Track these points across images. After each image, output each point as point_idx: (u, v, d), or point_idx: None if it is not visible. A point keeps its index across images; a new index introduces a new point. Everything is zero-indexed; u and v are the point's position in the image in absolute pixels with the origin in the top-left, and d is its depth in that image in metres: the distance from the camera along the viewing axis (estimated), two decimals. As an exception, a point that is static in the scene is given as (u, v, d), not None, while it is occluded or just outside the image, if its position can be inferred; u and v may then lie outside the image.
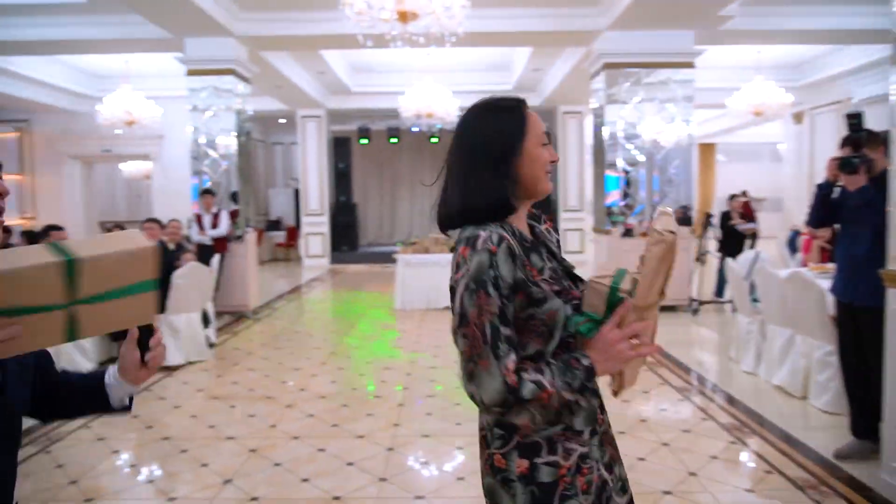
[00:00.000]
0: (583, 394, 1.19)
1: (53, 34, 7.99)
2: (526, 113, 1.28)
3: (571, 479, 1.22)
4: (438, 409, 4.37)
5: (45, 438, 3.90)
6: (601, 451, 1.29)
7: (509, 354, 1.15)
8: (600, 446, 1.29)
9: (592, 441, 1.27)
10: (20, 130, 14.13)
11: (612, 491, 1.29)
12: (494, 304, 1.14)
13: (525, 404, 1.15)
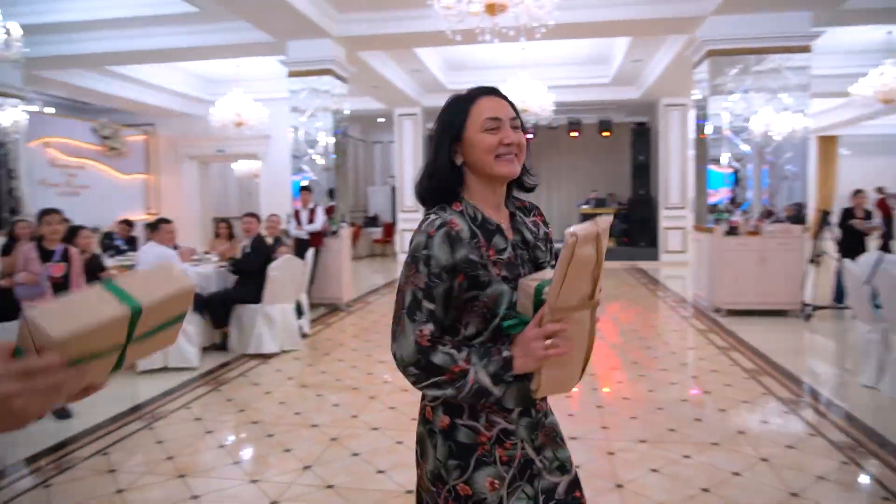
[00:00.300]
0: (496, 382, 1.24)
1: (169, 43, 8.61)
2: (474, 101, 1.35)
3: (490, 448, 1.31)
4: (520, 409, 4.28)
5: (150, 416, 4.19)
6: (530, 434, 1.36)
7: (427, 323, 1.26)
8: (534, 430, 1.36)
9: (521, 421, 1.34)
10: (147, 134, 15.39)
11: (541, 470, 1.36)
12: (421, 279, 1.26)
13: (437, 375, 1.24)
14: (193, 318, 5.38)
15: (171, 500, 2.99)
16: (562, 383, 1.31)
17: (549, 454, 1.39)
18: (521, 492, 1.33)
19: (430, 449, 1.35)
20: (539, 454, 1.37)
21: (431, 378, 1.26)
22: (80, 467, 3.40)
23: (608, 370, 5.24)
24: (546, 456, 1.38)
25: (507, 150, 1.33)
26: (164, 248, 5.37)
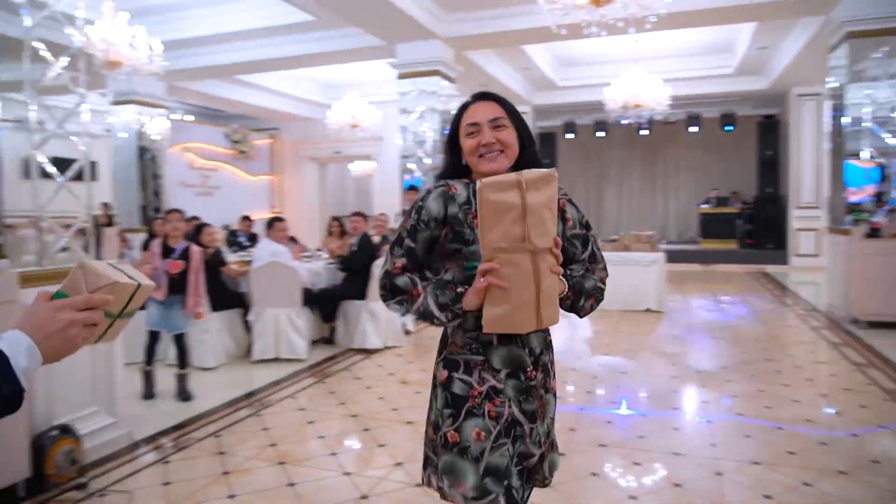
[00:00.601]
0: (442, 309, 1.46)
1: (290, 51, 9.11)
2: (466, 108, 1.58)
3: (480, 401, 1.49)
4: (621, 418, 4.09)
5: (259, 403, 4.45)
6: (520, 396, 1.51)
7: (401, 257, 1.53)
8: (521, 393, 1.52)
9: (508, 382, 1.51)
10: (272, 137, 16.40)
11: (524, 433, 1.51)
12: (409, 223, 1.53)
13: (399, 293, 1.51)
14: (303, 313, 5.63)
15: (269, 486, 3.14)
16: (510, 323, 1.40)
17: (541, 427, 1.56)
18: (504, 449, 1.48)
19: (433, 401, 1.58)
20: (532, 422, 1.53)
21: (395, 297, 1.52)
22: (195, 447, 3.67)
23: (722, 383, 4.88)
24: (538, 428, 1.55)
25: (487, 150, 1.51)
26: (278, 245, 5.68)
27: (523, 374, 1.52)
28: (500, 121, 1.53)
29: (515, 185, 1.32)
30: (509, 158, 1.53)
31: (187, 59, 9.50)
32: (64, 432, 3.23)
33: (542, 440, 1.56)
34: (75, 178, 3.46)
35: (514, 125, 1.56)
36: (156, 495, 3.06)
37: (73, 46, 3.40)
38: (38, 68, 3.23)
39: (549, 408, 1.60)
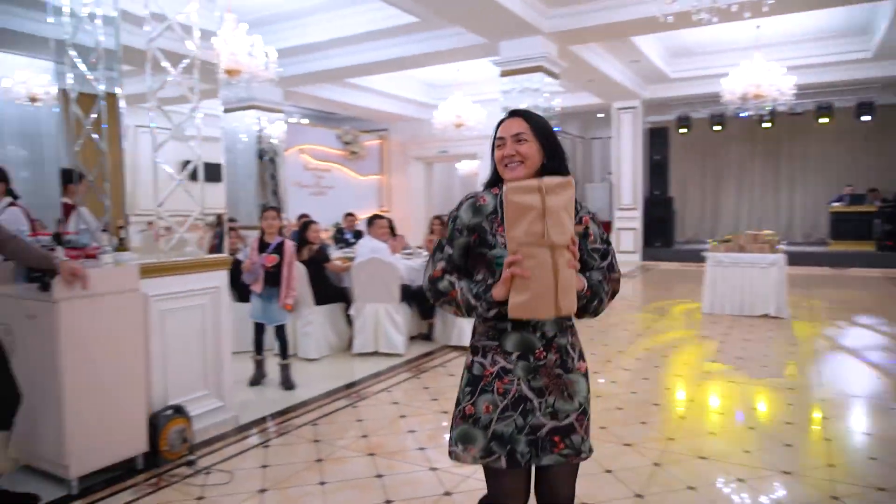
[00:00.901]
0: (478, 299, 1.69)
1: (395, 53, 9.33)
2: (499, 126, 1.80)
3: (492, 380, 1.75)
4: (726, 430, 3.82)
5: (356, 395, 4.59)
6: (529, 375, 1.74)
7: (440, 262, 1.78)
8: (530, 372, 1.74)
9: (518, 363, 1.74)
10: (381, 138, 16.91)
11: (534, 408, 1.74)
12: (447, 231, 1.79)
13: (442, 295, 1.76)
14: (401, 309, 5.75)
15: (358, 475, 3.23)
16: (532, 308, 1.59)
17: (551, 401, 1.75)
18: (510, 420, 1.73)
19: (461, 381, 1.83)
20: (540, 397, 1.75)
21: (439, 298, 1.78)
22: (293, 434, 3.85)
23: (845, 397, 4.43)
24: (547, 401, 1.75)
25: (509, 160, 1.76)
26: (378, 242, 5.84)
27: (532, 356, 1.75)
28: (521, 135, 1.75)
29: (536, 189, 1.52)
30: (528, 168, 1.75)
31: (300, 65, 10.01)
32: (177, 412, 3.51)
33: (561, 415, 1.75)
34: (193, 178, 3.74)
35: (538, 139, 1.76)
36: (254, 476, 3.24)
37: (188, 55, 3.68)
38: (158, 78, 3.52)
39: (578, 387, 1.78)
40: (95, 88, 3.41)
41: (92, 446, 3.09)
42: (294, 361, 5.59)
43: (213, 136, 3.92)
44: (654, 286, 10.31)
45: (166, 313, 3.56)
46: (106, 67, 3.36)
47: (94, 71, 3.40)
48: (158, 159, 3.52)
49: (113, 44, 3.34)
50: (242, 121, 11.32)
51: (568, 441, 1.75)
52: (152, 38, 3.49)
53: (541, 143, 1.75)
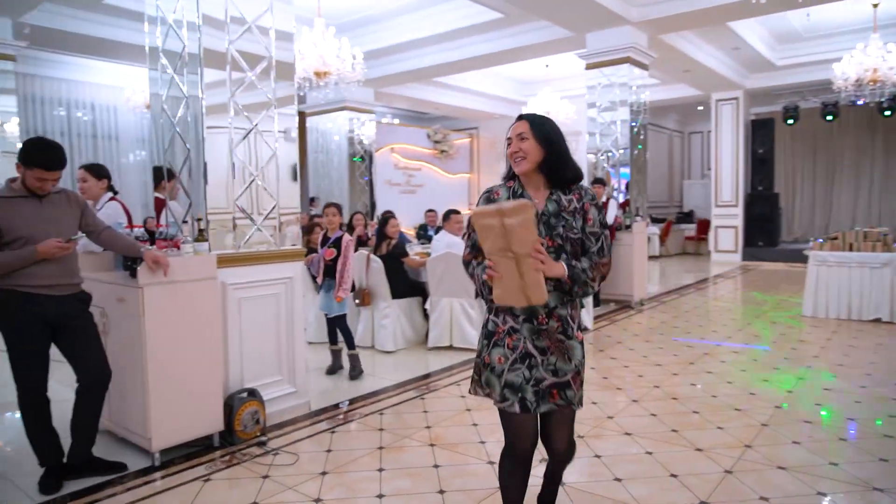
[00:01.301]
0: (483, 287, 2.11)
1: (481, 50, 9.34)
2: (511, 127, 2.14)
3: (503, 336, 2.12)
4: (812, 440, 3.53)
5: (425, 388, 4.65)
6: (533, 336, 2.10)
7: (467, 248, 2.20)
8: (534, 333, 2.10)
9: (524, 325, 2.09)
10: (471, 136, 16.99)
11: (538, 364, 2.09)
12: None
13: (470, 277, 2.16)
14: (476, 304, 5.75)
15: (416, 464, 3.27)
16: (505, 300, 1.97)
17: (552, 360, 2.11)
18: (518, 371, 2.09)
19: (480, 334, 2.22)
20: (543, 355, 2.10)
21: (469, 275, 2.18)
22: (360, 421, 3.96)
23: (963, 411, 3.96)
24: (549, 360, 2.11)
25: (514, 156, 2.11)
26: (453, 237, 5.87)
27: (535, 320, 2.09)
28: (523, 135, 2.09)
29: (496, 214, 1.84)
30: (529, 163, 2.09)
31: (388, 66, 10.26)
32: (251, 395, 3.71)
33: (560, 373, 2.11)
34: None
35: (537, 138, 2.08)
36: (317, 460, 3.37)
37: (266, 56, 3.87)
38: (236, 79, 3.73)
39: (574, 352, 2.14)
40: (181, 91, 3.67)
41: (172, 423, 3.33)
42: (371, 353, 5.76)
43: (290, 136, 4.09)
44: (752, 287, 9.68)
45: (243, 301, 3.77)
46: (189, 71, 3.60)
47: (180, 75, 3.65)
48: (235, 158, 3.73)
49: (195, 48, 3.57)
50: (335, 122, 11.76)
51: (563, 394, 2.13)
52: (231, 40, 3.70)
53: (539, 142, 2.08)
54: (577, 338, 2.16)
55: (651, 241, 14.28)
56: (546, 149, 2.09)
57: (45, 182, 2.95)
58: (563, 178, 2.13)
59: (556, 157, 2.09)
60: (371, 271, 5.79)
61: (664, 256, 14.68)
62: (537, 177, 2.12)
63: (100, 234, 3.25)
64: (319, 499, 2.92)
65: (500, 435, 3.48)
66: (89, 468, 3.20)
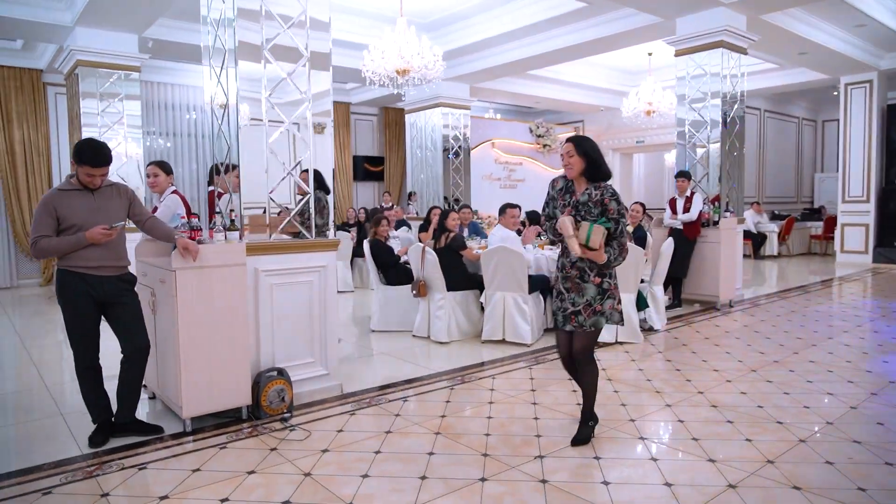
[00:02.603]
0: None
1: (569, 41, 9.14)
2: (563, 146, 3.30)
3: (554, 282, 3.46)
4: (852, 462, 3.17)
5: (460, 379, 4.72)
6: (564, 280, 3.34)
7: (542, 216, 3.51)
8: (564, 280, 3.34)
9: (560, 273, 3.38)
10: (576, 130, 16.62)
11: (564, 298, 3.33)
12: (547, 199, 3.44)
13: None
14: (530, 299, 5.70)
15: (412, 450, 3.37)
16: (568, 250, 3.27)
17: (571, 296, 3.31)
18: (556, 302, 3.39)
19: None
20: (567, 293, 3.33)
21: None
22: (382, 406, 4.11)
23: None
24: (570, 296, 3.31)
25: (566, 167, 3.24)
26: (508, 231, 5.86)
27: (564, 270, 3.36)
28: (570, 153, 3.23)
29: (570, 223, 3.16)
30: (576, 171, 3.23)
31: (476, 62, 10.38)
32: (279, 374, 3.98)
33: (574, 305, 3.30)
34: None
35: (580, 155, 3.22)
36: (326, 438, 3.56)
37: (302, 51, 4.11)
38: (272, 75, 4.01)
39: (587, 291, 3.28)
40: (224, 89, 4.01)
41: (201, 394, 3.68)
42: (426, 343, 5.91)
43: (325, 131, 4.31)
44: (875, 293, 8.66)
45: (276, 287, 4.06)
46: (228, 66, 3.93)
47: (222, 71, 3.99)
48: (270, 152, 4.01)
49: (232, 43, 3.88)
50: (430, 118, 12.03)
51: (576, 319, 3.30)
52: (269, 38, 3.97)
53: (581, 157, 3.22)
54: (592, 282, 3.27)
55: (769, 239, 13.20)
56: (585, 161, 3.21)
57: (93, 177, 3.38)
58: (596, 178, 3.23)
59: (592, 165, 3.22)
60: (426, 263, 5.92)
61: (784, 256, 13.48)
62: (581, 178, 3.27)
63: (144, 223, 3.66)
64: (309, 473, 3.11)
65: (506, 430, 3.52)
66: (132, 429, 3.64)
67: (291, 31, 4.08)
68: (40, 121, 10.27)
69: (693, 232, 7.44)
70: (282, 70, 4.05)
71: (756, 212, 13.25)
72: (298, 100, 4.14)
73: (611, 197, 3.18)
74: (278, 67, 4.03)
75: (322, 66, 4.25)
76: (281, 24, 4.03)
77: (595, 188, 3.19)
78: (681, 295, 7.54)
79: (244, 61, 3.91)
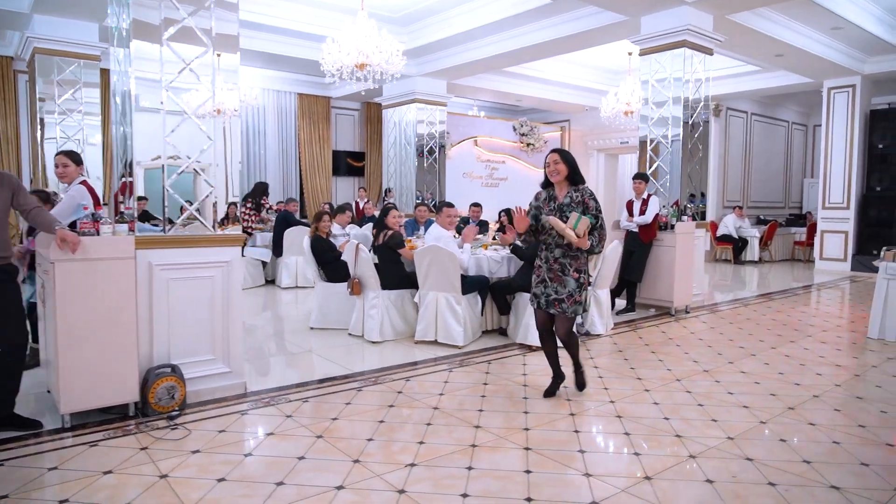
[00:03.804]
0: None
1: (536, 39, 8.98)
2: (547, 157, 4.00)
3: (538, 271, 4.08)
4: (731, 482, 3.03)
5: (372, 380, 4.60)
6: (548, 271, 3.98)
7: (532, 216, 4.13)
8: (548, 270, 3.98)
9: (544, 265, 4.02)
10: (562, 129, 16.47)
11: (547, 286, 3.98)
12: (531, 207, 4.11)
13: None
14: (463, 300, 5.58)
15: (284, 454, 3.26)
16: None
17: (554, 286, 3.95)
18: (539, 288, 4.04)
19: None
20: (551, 283, 3.97)
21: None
22: (279, 406, 4.00)
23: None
24: (553, 286, 3.96)
25: (552, 173, 3.94)
26: (443, 230, 5.74)
27: (548, 264, 3.98)
28: (557, 161, 3.91)
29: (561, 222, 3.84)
30: (561, 176, 3.90)
31: (448, 58, 10.25)
32: (172, 371, 3.88)
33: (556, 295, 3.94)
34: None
35: (565, 163, 3.90)
36: (203, 439, 3.46)
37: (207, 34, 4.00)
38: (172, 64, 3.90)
39: (568, 284, 3.92)
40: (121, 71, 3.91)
41: (82, 389, 3.58)
42: (360, 342, 5.80)
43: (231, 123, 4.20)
44: (843, 302, 8.47)
45: (172, 282, 3.95)
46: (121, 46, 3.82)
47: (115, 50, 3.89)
48: (167, 143, 3.90)
49: (126, 23, 3.77)
50: (405, 114, 11.91)
51: (560, 306, 3.95)
52: (169, 17, 3.86)
53: (565, 164, 3.90)
54: (572, 276, 3.92)
55: (750, 244, 12.99)
56: (568, 167, 3.91)
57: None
58: (576, 181, 3.92)
59: (573, 171, 3.93)
60: (360, 261, 5.81)
61: (765, 262, 13.27)
62: (563, 182, 3.94)
63: (29, 213, 3.57)
64: (166, 475, 3.01)
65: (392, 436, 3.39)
66: (9, 423, 3.55)
67: (195, 14, 3.96)
68: (9, 108, 10.23)
69: (648, 235, 7.29)
70: (182, 54, 3.93)
71: (738, 216, 13.05)
72: (201, 87, 4.03)
73: (590, 197, 3.93)
74: (179, 50, 3.92)
75: (229, 49, 4.13)
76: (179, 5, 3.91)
77: (575, 191, 3.90)
78: (635, 299, 7.39)
79: (140, 41, 3.80)
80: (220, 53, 4.09)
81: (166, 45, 3.87)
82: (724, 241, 13.00)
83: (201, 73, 4.00)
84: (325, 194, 13.62)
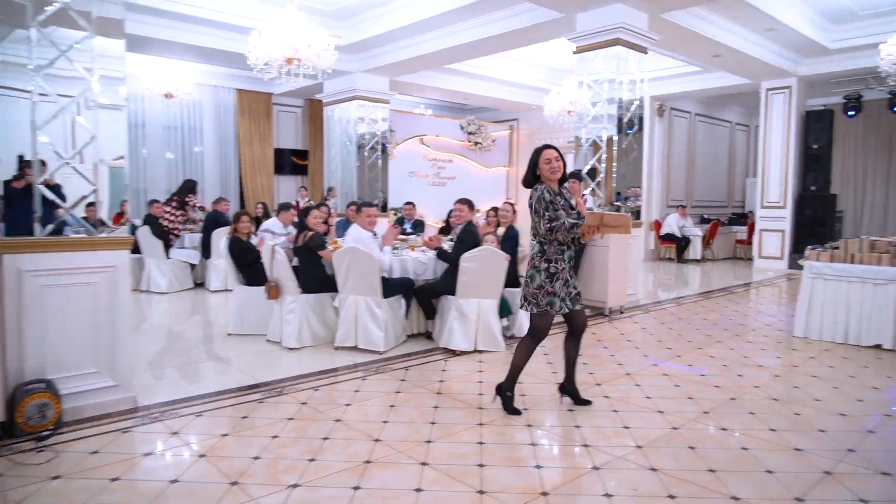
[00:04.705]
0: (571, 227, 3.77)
1: (470, 36, 8.82)
2: (541, 152, 3.79)
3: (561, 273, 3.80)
4: (632, 496, 2.89)
5: (278, 391, 4.34)
6: (569, 268, 3.84)
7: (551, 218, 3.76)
8: (570, 269, 3.85)
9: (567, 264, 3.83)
10: (511, 128, 16.38)
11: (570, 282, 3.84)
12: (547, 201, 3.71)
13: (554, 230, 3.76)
14: (384, 303, 5.35)
15: (156, 478, 2.98)
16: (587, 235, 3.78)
17: (572, 281, 3.84)
18: (564, 289, 3.78)
19: (537, 275, 3.77)
20: (571, 280, 3.83)
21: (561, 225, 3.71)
22: (166, 423, 3.71)
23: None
24: (572, 281, 3.84)
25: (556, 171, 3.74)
26: (364, 232, 5.50)
27: (569, 262, 3.83)
28: (558, 157, 3.76)
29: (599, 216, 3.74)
30: (560, 172, 3.76)
31: (385, 55, 10.00)
32: (47, 387, 3.55)
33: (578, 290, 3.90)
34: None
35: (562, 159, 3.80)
36: (69, 461, 3.15)
37: (88, 31, 3.68)
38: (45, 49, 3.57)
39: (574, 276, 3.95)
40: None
41: (-65, 410, 3.23)
42: (277, 349, 5.52)
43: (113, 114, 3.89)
44: (775, 300, 8.54)
45: (46, 289, 3.62)
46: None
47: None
48: (40, 134, 3.57)
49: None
50: (346, 112, 11.61)
51: (580, 299, 3.90)
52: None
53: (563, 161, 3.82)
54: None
55: (692, 243, 13.11)
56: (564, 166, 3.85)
57: None
58: (563, 180, 3.85)
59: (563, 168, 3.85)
60: (276, 263, 5.53)
61: (708, 260, 13.42)
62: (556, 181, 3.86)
63: None
64: (12, 506, 2.71)
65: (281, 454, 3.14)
66: None
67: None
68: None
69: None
70: (57, 36, 3.60)
71: (681, 215, 13.16)
72: (79, 75, 3.70)
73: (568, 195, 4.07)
74: (51, 32, 3.59)
75: (113, 34, 3.82)
76: (54, -5, 3.59)
77: (564, 189, 3.93)
78: (569, 300, 7.28)
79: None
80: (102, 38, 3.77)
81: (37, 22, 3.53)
82: (668, 240, 13.09)
83: (78, 60, 3.68)
84: (266, 193, 13.21)
